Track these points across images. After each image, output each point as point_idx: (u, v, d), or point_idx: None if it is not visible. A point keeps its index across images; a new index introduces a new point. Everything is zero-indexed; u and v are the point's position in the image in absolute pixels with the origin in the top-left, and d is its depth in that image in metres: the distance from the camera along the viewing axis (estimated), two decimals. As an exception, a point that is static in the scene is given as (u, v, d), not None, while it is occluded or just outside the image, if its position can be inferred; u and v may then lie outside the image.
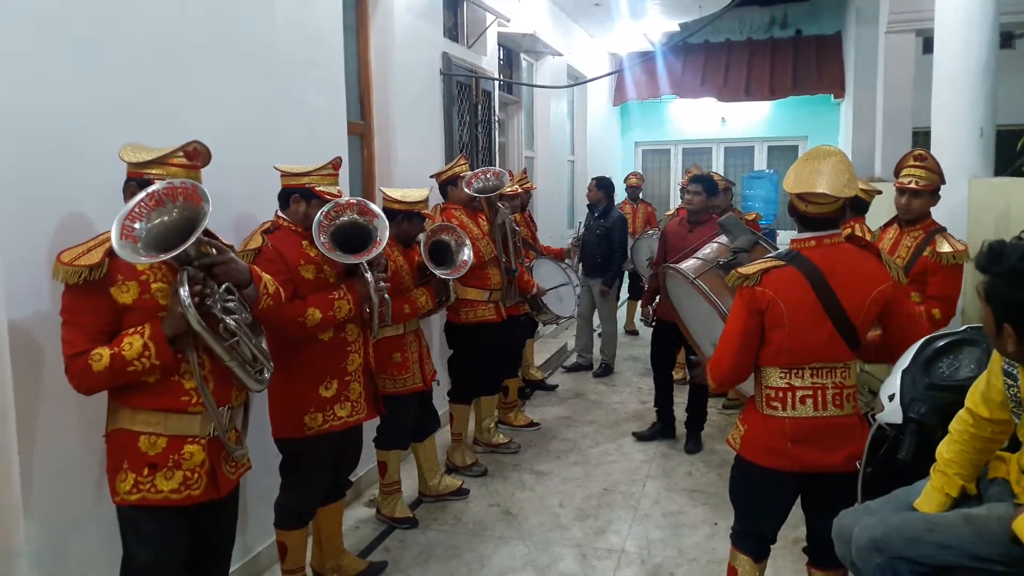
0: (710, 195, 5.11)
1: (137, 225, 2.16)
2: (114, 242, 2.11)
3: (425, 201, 3.91)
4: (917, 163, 3.70)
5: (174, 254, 2.15)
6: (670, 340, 5.12)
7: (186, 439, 2.35)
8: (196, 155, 2.45)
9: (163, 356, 2.24)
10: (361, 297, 3.14)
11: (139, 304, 2.27)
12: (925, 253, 3.55)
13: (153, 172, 2.33)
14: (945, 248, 3.49)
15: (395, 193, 3.90)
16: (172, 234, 2.20)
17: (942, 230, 3.63)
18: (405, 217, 3.87)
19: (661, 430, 5.43)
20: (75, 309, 2.22)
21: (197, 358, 2.33)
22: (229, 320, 2.30)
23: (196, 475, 2.36)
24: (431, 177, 4.87)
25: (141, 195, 2.21)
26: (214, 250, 2.36)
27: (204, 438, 2.38)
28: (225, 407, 2.43)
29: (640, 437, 5.48)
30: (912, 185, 3.67)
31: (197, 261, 2.28)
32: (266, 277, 2.63)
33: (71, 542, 2.60)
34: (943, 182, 3.69)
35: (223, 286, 2.33)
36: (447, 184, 4.74)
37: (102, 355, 2.18)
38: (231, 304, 2.33)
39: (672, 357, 5.43)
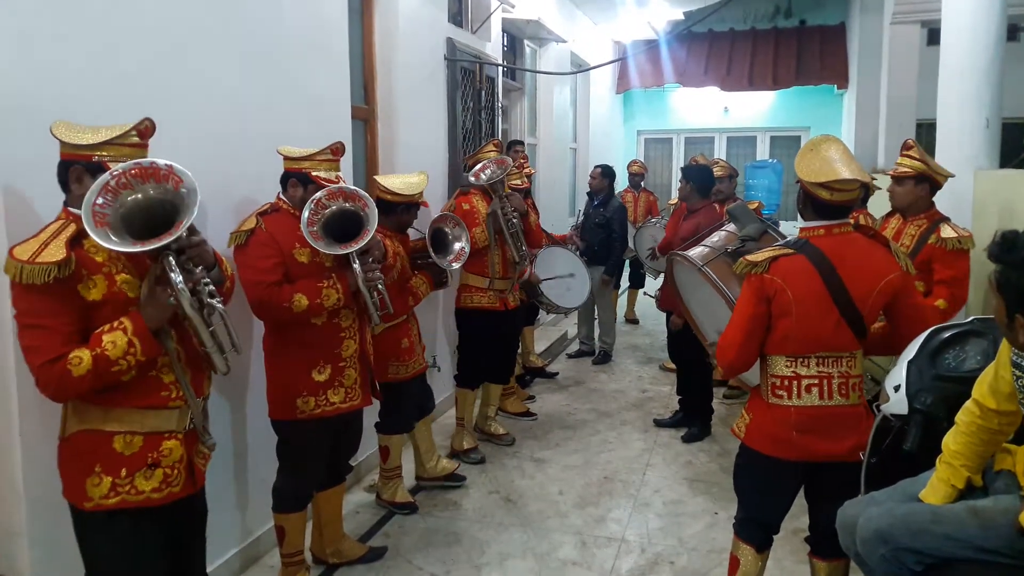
0: (690, 181, 5.15)
1: (108, 210, 2.02)
2: (89, 230, 1.97)
3: (421, 192, 3.89)
4: (904, 152, 3.74)
5: (169, 240, 2.02)
6: (683, 330, 5.11)
7: (163, 435, 2.23)
8: (148, 133, 2.25)
9: (149, 352, 2.12)
10: (351, 287, 3.10)
11: (109, 299, 2.11)
12: (930, 241, 3.55)
13: (105, 154, 2.13)
14: (950, 234, 3.49)
15: (393, 185, 3.82)
16: (141, 217, 2.06)
17: (946, 220, 3.63)
18: (405, 209, 3.86)
19: (684, 419, 5.43)
20: (38, 311, 2.01)
21: (175, 350, 2.23)
22: (217, 304, 2.19)
23: (176, 471, 2.25)
24: (464, 159, 4.95)
25: (105, 177, 2.05)
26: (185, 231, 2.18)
27: (181, 432, 2.28)
28: (201, 398, 2.36)
29: (660, 424, 5.51)
30: (890, 172, 3.73)
31: (175, 244, 2.11)
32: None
33: (71, 524, 2.58)
34: (932, 171, 3.66)
35: (199, 268, 2.21)
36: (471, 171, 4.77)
37: (82, 358, 2.01)
38: (211, 287, 2.22)
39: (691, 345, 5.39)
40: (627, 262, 8.42)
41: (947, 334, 2.43)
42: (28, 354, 2.03)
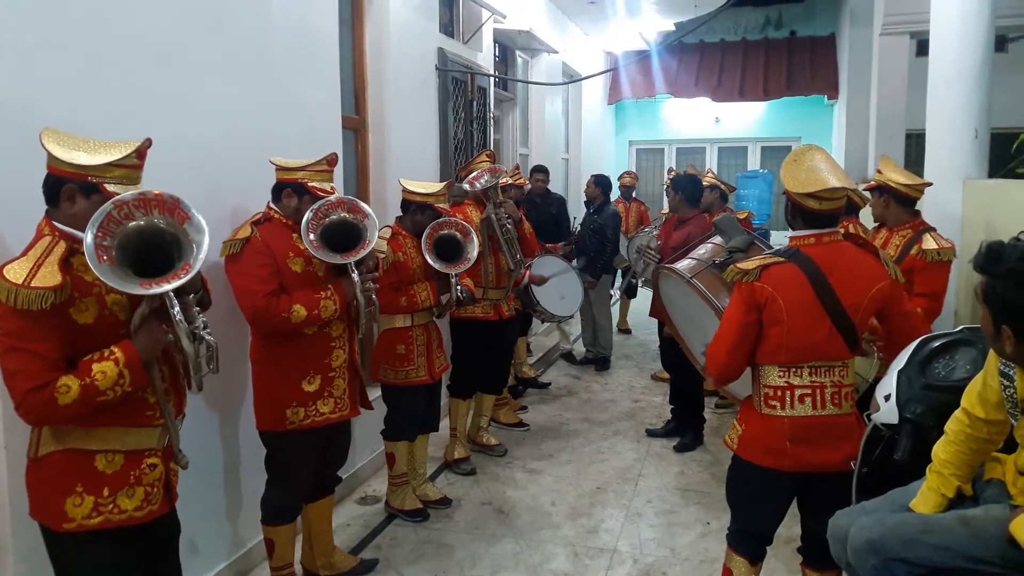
0: (679, 192, 5.19)
1: (107, 241, 1.96)
2: (93, 267, 1.92)
3: (438, 194, 3.98)
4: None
5: (179, 283, 2.00)
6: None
7: (143, 453, 2.20)
8: (146, 154, 2.18)
9: (137, 383, 2.08)
10: (348, 297, 3.12)
11: (100, 322, 2.07)
12: (912, 252, 3.57)
13: (107, 176, 2.08)
14: (931, 245, 3.51)
15: (413, 185, 4.00)
16: (136, 243, 2.02)
17: (931, 230, 3.65)
18: (418, 209, 3.95)
19: (677, 428, 5.43)
20: (27, 335, 1.94)
21: (159, 373, 2.19)
22: (209, 338, 2.18)
23: (155, 489, 2.23)
24: (456, 170, 4.96)
25: (107, 207, 1.99)
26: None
27: (160, 450, 2.25)
28: (180, 417, 2.34)
29: (652, 434, 5.51)
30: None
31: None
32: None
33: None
34: (888, 182, 3.71)
35: (191, 296, 2.19)
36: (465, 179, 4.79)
37: (70, 386, 1.95)
38: (205, 320, 2.20)
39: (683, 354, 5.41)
40: (619, 272, 8.43)
41: (937, 343, 2.44)
42: (12, 378, 1.96)
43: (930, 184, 3.79)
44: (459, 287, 4.02)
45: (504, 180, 5.42)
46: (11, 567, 2.43)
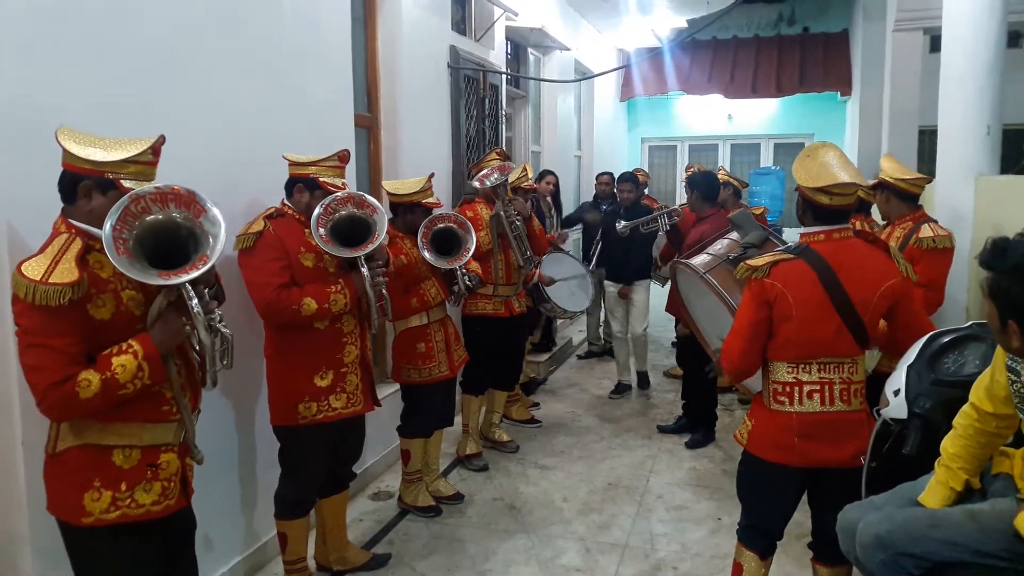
0: (695, 190, 5.21)
1: (125, 234, 2.00)
2: (113, 259, 1.96)
3: (423, 191, 3.95)
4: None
5: (198, 274, 2.03)
6: (691, 334, 5.12)
7: (160, 448, 2.23)
8: (160, 151, 2.22)
9: (156, 376, 2.11)
10: (358, 291, 3.15)
11: (117, 318, 2.10)
12: (911, 242, 3.58)
13: (123, 172, 2.11)
14: (927, 233, 3.51)
15: (391, 187, 4.00)
16: (153, 237, 2.06)
17: (930, 221, 3.65)
18: (407, 209, 3.94)
19: (688, 425, 5.45)
20: (45, 331, 1.96)
21: (175, 368, 2.23)
22: (225, 330, 2.21)
23: (172, 484, 2.26)
24: (469, 168, 4.99)
25: (124, 201, 2.03)
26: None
27: (176, 445, 2.28)
28: (195, 413, 2.36)
29: (664, 430, 5.53)
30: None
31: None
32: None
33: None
34: (888, 177, 3.74)
35: (207, 290, 2.21)
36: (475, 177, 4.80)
37: (90, 380, 1.98)
38: (220, 312, 2.23)
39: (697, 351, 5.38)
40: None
41: (946, 339, 2.44)
42: (32, 374, 1.99)
43: (929, 180, 3.80)
44: (466, 275, 4.05)
45: (531, 183, 5.43)
46: (29, 561, 2.47)
